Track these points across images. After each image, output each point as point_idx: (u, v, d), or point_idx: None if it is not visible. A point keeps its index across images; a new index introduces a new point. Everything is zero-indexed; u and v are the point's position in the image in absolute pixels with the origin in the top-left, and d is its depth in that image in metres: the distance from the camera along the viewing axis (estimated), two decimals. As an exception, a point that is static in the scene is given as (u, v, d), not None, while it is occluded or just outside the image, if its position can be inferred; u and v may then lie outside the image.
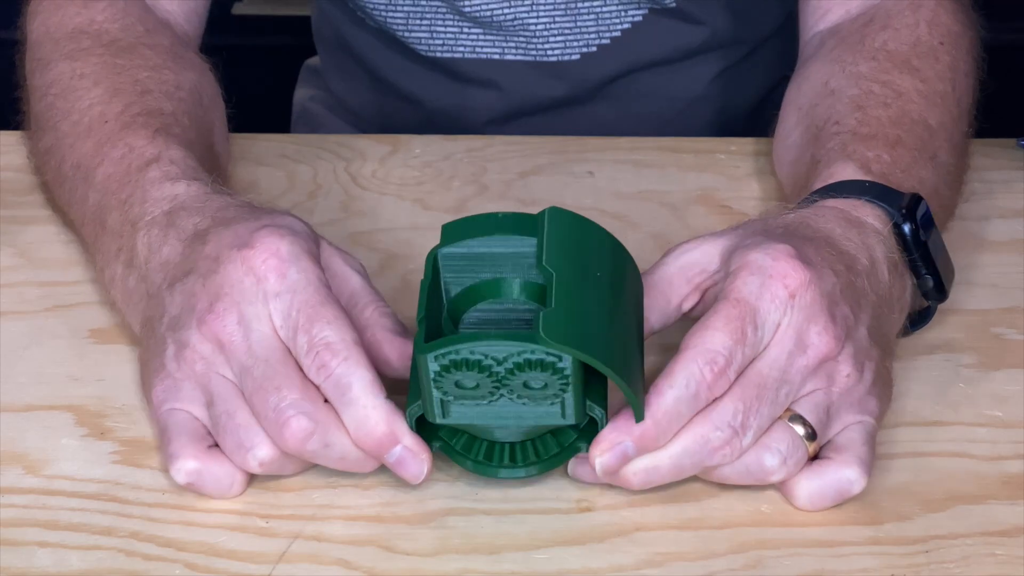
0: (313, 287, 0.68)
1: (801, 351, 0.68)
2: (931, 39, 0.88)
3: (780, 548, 0.67)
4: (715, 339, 0.66)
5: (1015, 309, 0.83)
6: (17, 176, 0.93)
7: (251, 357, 0.67)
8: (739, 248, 0.70)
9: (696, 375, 0.66)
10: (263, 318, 0.68)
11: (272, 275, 0.68)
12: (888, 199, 0.76)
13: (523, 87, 1.07)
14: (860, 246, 0.73)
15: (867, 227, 0.74)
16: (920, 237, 0.75)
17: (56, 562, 0.66)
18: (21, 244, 0.87)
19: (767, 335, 0.67)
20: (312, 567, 0.66)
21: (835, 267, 0.70)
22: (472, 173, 0.94)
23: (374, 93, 1.12)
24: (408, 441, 0.67)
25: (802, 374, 0.68)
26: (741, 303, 0.67)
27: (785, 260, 0.68)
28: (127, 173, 0.78)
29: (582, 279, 0.65)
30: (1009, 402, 0.76)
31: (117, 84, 0.84)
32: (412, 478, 0.67)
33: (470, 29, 1.05)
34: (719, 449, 0.66)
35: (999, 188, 0.93)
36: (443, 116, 1.09)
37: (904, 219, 0.75)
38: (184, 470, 0.68)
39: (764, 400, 0.67)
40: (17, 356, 0.78)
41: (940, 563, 0.66)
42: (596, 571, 0.66)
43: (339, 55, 1.14)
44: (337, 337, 0.67)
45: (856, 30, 0.90)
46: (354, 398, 0.66)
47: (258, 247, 0.69)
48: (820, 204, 0.75)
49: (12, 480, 0.71)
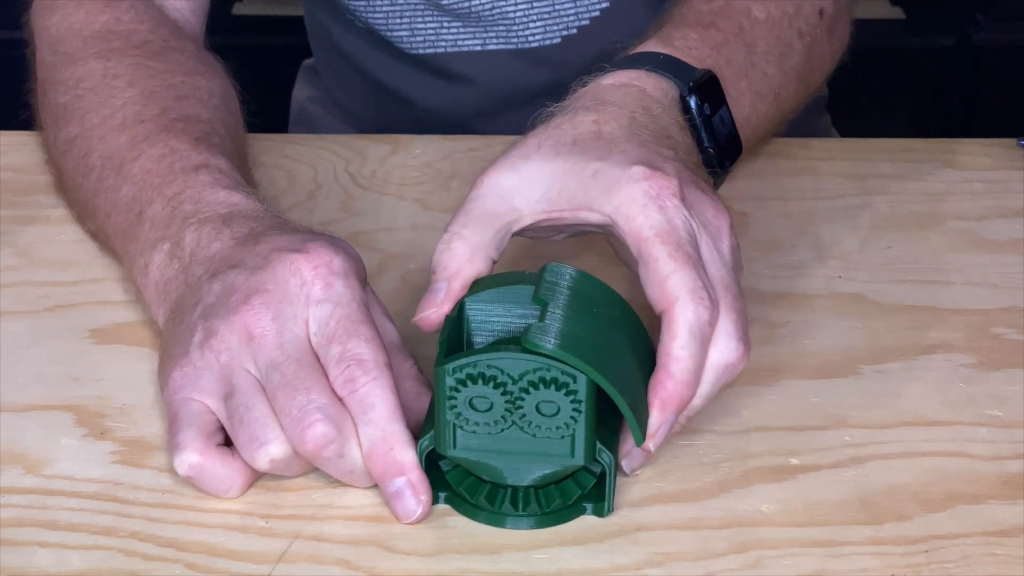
0: (356, 304, 0.68)
1: (720, 237, 0.70)
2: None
3: (780, 548, 0.67)
4: (679, 279, 0.67)
5: (1015, 309, 0.83)
6: (17, 176, 0.93)
7: (282, 354, 0.67)
8: (590, 182, 0.70)
9: (691, 318, 0.66)
10: (299, 320, 0.68)
11: (319, 283, 0.68)
12: (678, 72, 0.77)
13: (508, 77, 1.07)
14: (650, 119, 0.74)
15: (648, 95, 0.76)
16: (704, 111, 0.77)
17: (56, 562, 0.66)
18: (21, 244, 0.87)
19: (694, 240, 0.68)
20: (312, 567, 0.66)
21: (666, 153, 0.71)
22: (472, 173, 0.94)
23: (367, 93, 1.13)
24: (414, 476, 0.67)
25: (734, 251, 0.70)
26: (663, 233, 0.68)
27: (654, 179, 0.69)
28: (171, 172, 0.78)
29: (577, 310, 0.65)
30: (1009, 402, 0.76)
31: (152, 87, 0.85)
32: (405, 515, 0.67)
33: (450, 23, 1.05)
34: (742, 359, 0.68)
35: (999, 188, 0.93)
36: (433, 114, 1.09)
37: (690, 92, 0.77)
38: (187, 463, 0.68)
39: (738, 297, 0.69)
40: (17, 356, 0.78)
41: (940, 563, 0.66)
42: (596, 571, 0.66)
43: (332, 56, 1.14)
44: (371, 355, 0.66)
45: None
46: (375, 418, 0.66)
47: (312, 254, 0.69)
48: (603, 76, 0.77)
49: (12, 480, 0.71)
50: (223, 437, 0.69)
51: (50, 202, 0.91)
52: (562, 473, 0.68)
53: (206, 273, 0.72)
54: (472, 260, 0.69)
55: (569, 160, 0.71)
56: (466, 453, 0.66)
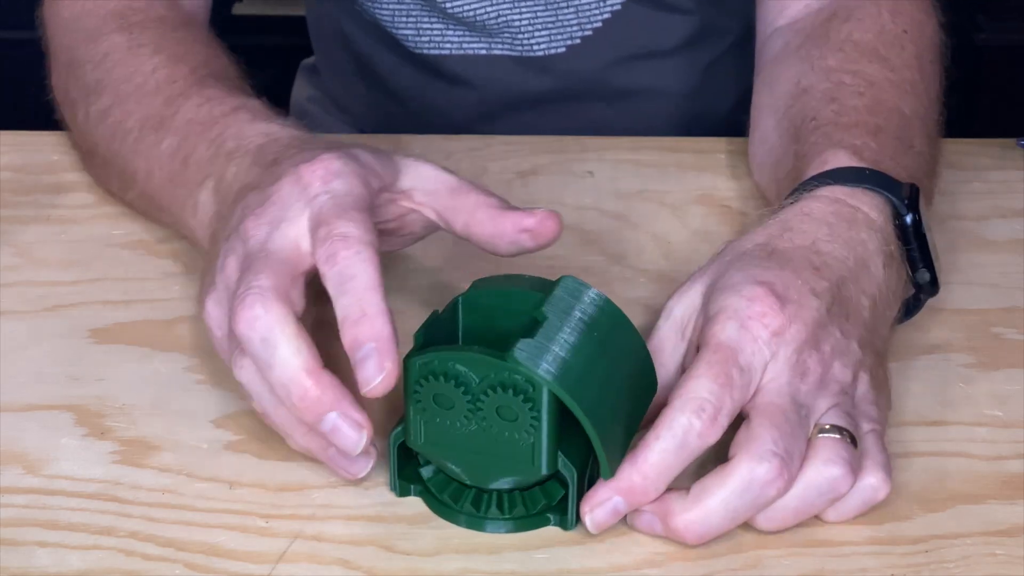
0: (352, 198, 0.68)
1: (800, 377, 0.67)
2: (895, 27, 0.88)
3: (780, 548, 0.67)
4: (699, 386, 0.65)
5: (1015, 309, 0.83)
6: (17, 176, 0.93)
7: (261, 249, 0.67)
8: (716, 290, 0.69)
9: (683, 424, 0.64)
10: (295, 222, 0.68)
11: (317, 182, 0.69)
12: (888, 188, 0.74)
13: (510, 83, 1.07)
14: (847, 245, 0.72)
15: (859, 219, 0.73)
16: (921, 229, 0.74)
17: (56, 562, 0.66)
18: (21, 244, 0.87)
19: (755, 375, 0.66)
20: (312, 567, 0.66)
21: (817, 287, 0.69)
22: (472, 173, 0.94)
23: (368, 90, 1.13)
24: (384, 344, 0.63)
25: (812, 396, 0.67)
26: (722, 347, 0.66)
27: (761, 302, 0.67)
28: (211, 117, 0.79)
29: (573, 330, 0.65)
30: (1009, 402, 0.76)
31: (178, 52, 0.86)
32: (364, 381, 0.63)
33: (455, 27, 1.05)
34: (772, 481, 0.64)
35: (999, 188, 0.93)
36: (433, 112, 1.09)
37: (908, 209, 0.74)
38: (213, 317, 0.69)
39: (792, 422, 0.65)
40: (17, 356, 0.78)
41: (940, 563, 0.66)
42: (596, 571, 0.66)
43: (334, 51, 1.14)
44: (357, 233, 0.66)
45: (820, 24, 0.89)
46: (352, 288, 0.65)
47: (316, 161, 0.69)
48: (813, 195, 0.74)
49: (12, 480, 0.71)
50: None
51: (50, 202, 0.91)
52: (529, 481, 0.67)
53: (235, 199, 0.73)
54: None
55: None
56: (431, 449, 0.66)
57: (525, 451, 0.65)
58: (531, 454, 0.65)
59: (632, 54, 1.07)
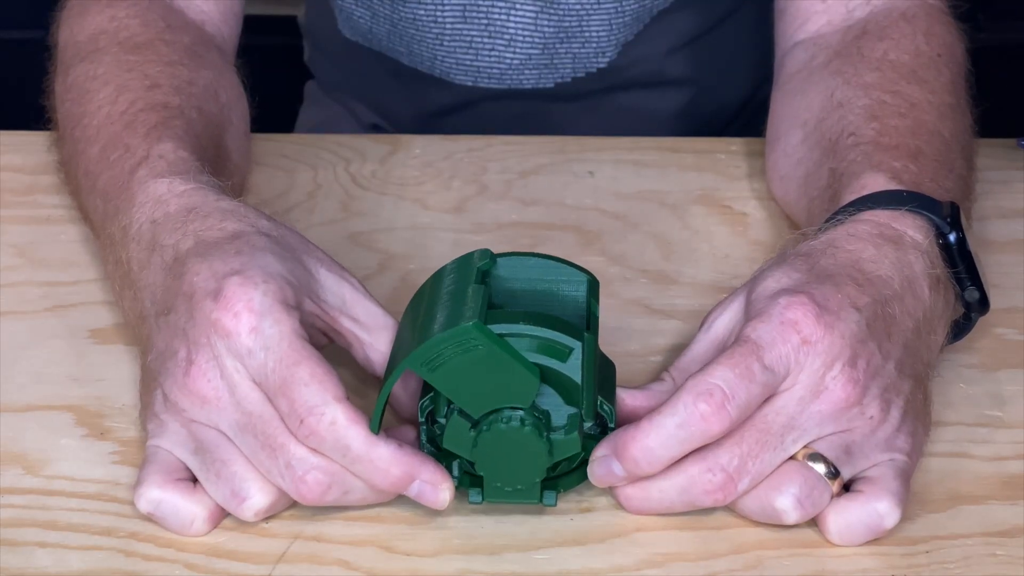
0: (287, 342, 0.66)
1: (814, 396, 0.66)
2: (930, 50, 0.87)
3: (780, 548, 0.67)
4: (714, 372, 0.65)
5: (1015, 309, 0.83)
6: (17, 176, 0.93)
7: (243, 414, 0.66)
8: (754, 299, 0.69)
9: (688, 406, 0.64)
10: (242, 371, 0.66)
11: (244, 331, 0.66)
12: (930, 209, 0.74)
13: (498, 111, 1.08)
14: (894, 266, 0.70)
15: (906, 242, 0.72)
16: (966, 247, 0.73)
17: (56, 562, 0.66)
18: (21, 244, 0.87)
19: (779, 377, 0.66)
20: (312, 567, 0.66)
21: (858, 301, 0.68)
22: (472, 173, 0.94)
23: (375, 69, 1.12)
24: (426, 475, 0.66)
25: (815, 420, 0.66)
26: (749, 341, 0.66)
27: (797, 308, 0.66)
28: (120, 177, 0.77)
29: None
30: (1009, 402, 0.76)
31: (125, 81, 0.84)
32: (434, 506, 0.67)
33: (445, 57, 1.05)
34: (711, 493, 0.65)
35: (999, 188, 0.93)
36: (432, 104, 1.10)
37: (951, 228, 0.73)
38: (146, 497, 0.67)
39: (766, 446, 0.66)
40: (17, 356, 0.78)
41: (940, 563, 0.66)
42: (596, 571, 0.66)
43: (335, 42, 1.14)
44: (318, 398, 0.65)
45: (850, 41, 0.88)
46: (357, 456, 0.65)
47: (228, 299, 0.66)
48: (856, 219, 0.73)
49: (12, 480, 0.71)
50: (188, 476, 0.68)
51: (50, 202, 0.91)
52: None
53: (151, 309, 0.71)
54: None
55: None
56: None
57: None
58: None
59: (624, 86, 1.08)
